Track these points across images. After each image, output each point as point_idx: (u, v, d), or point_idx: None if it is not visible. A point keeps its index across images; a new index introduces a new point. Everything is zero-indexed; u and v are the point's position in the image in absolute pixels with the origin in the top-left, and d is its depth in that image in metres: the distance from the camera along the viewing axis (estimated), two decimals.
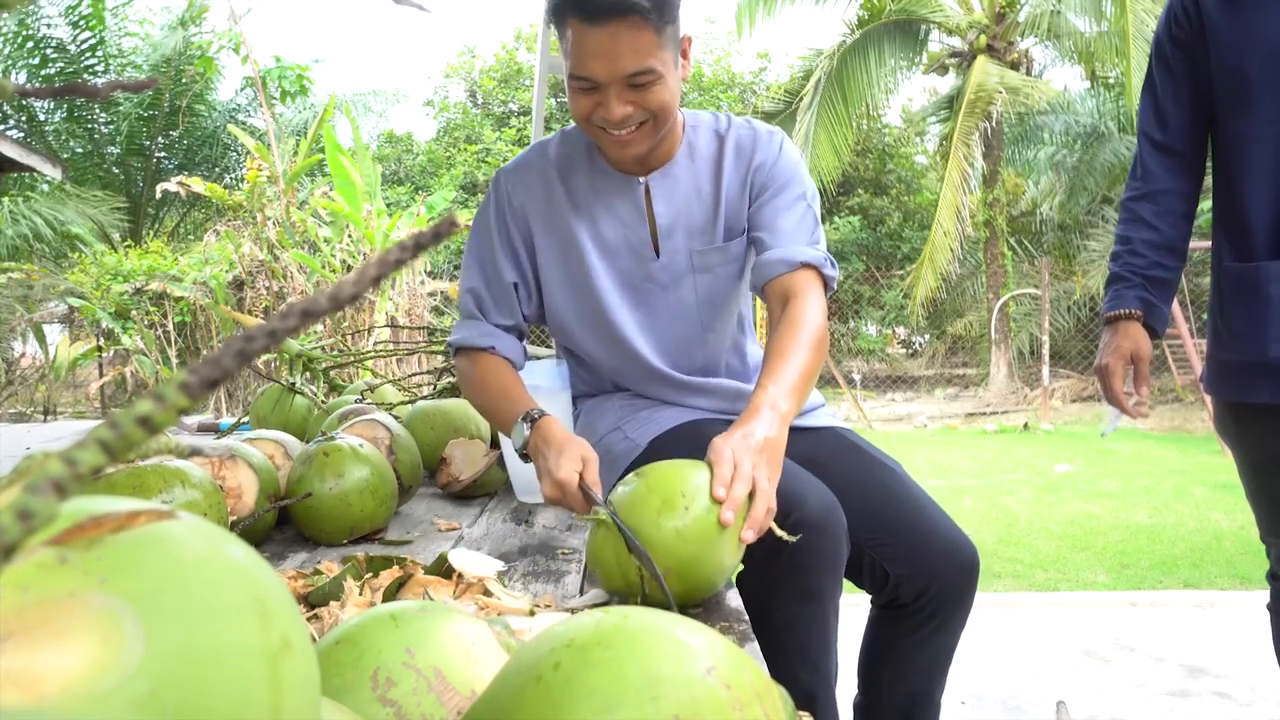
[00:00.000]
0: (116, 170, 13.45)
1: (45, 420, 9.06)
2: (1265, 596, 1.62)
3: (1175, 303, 7.89)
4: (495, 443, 1.65)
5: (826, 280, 1.34)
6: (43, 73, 12.51)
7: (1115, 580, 3.57)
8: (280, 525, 1.35)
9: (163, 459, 1.02)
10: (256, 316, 7.76)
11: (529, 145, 1.53)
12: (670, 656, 0.38)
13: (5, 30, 11.99)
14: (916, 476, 1.39)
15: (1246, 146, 1.41)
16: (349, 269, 8.08)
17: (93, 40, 12.50)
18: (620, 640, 0.39)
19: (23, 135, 12.85)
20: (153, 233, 13.17)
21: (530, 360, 1.50)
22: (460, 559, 0.86)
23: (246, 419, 1.91)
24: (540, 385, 1.41)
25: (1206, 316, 1.73)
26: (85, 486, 0.23)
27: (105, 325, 8.84)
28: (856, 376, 12.62)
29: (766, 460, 1.03)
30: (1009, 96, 10.41)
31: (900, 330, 15.13)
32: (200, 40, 12.79)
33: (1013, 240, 12.55)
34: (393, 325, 3.58)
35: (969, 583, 1.30)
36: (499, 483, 1.61)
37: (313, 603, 0.84)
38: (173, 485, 1.00)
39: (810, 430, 1.44)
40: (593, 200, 1.41)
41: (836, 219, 14.61)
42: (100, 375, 9.32)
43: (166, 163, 13.60)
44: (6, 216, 10.77)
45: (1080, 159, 12.58)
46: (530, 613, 0.80)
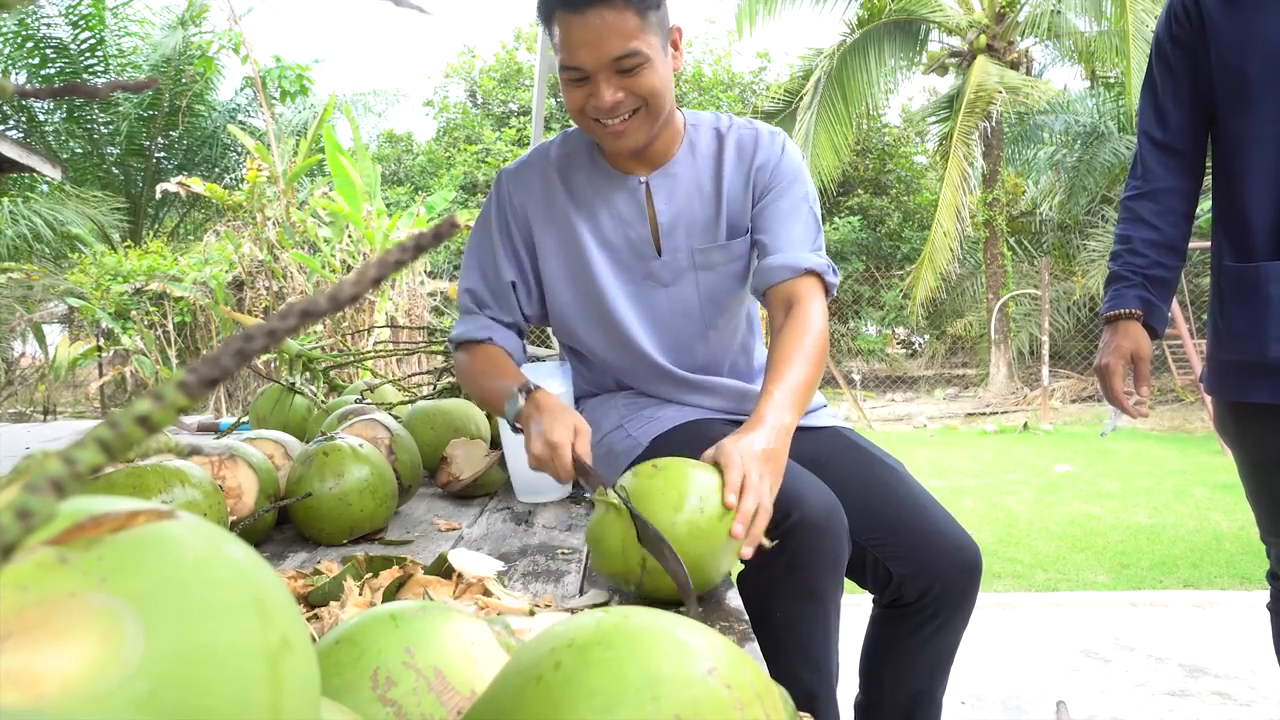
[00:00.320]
0: (116, 170, 13.45)
1: (45, 420, 9.06)
2: (1265, 596, 1.62)
3: (1175, 303, 7.90)
4: (496, 443, 1.65)
5: (828, 287, 1.35)
6: (43, 73, 12.51)
7: (1115, 580, 3.57)
8: (280, 525, 1.35)
9: (162, 459, 1.02)
10: (256, 316, 7.76)
11: (531, 146, 1.54)
12: (671, 656, 0.38)
13: (5, 30, 11.99)
14: (916, 477, 1.40)
15: (1247, 146, 1.41)
16: (349, 269, 8.08)
17: (93, 40, 12.50)
18: (621, 640, 0.39)
19: (23, 135, 12.85)
20: (153, 233, 13.17)
21: (532, 361, 1.50)
22: (460, 559, 0.86)
23: (246, 419, 1.91)
24: (542, 384, 1.41)
25: (1206, 316, 1.73)
26: (85, 486, 0.22)
27: (105, 325, 8.84)
28: (856, 377, 12.62)
29: (770, 471, 1.04)
30: (1009, 96, 10.40)
31: (900, 330, 15.12)
32: (200, 40, 12.79)
33: (1012, 240, 12.55)
34: (393, 325, 3.58)
35: (971, 582, 1.30)
36: (499, 483, 1.61)
37: (313, 603, 0.84)
38: (172, 485, 1.00)
39: (812, 430, 1.44)
40: (594, 199, 1.41)
41: (836, 219, 14.60)
42: (100, 375, 9.32)
43: (166, 163, 13.61)
44: (6, 216, 10.76)
45: (1080, 159, 12.58)
46: (530, 613, 0.79)
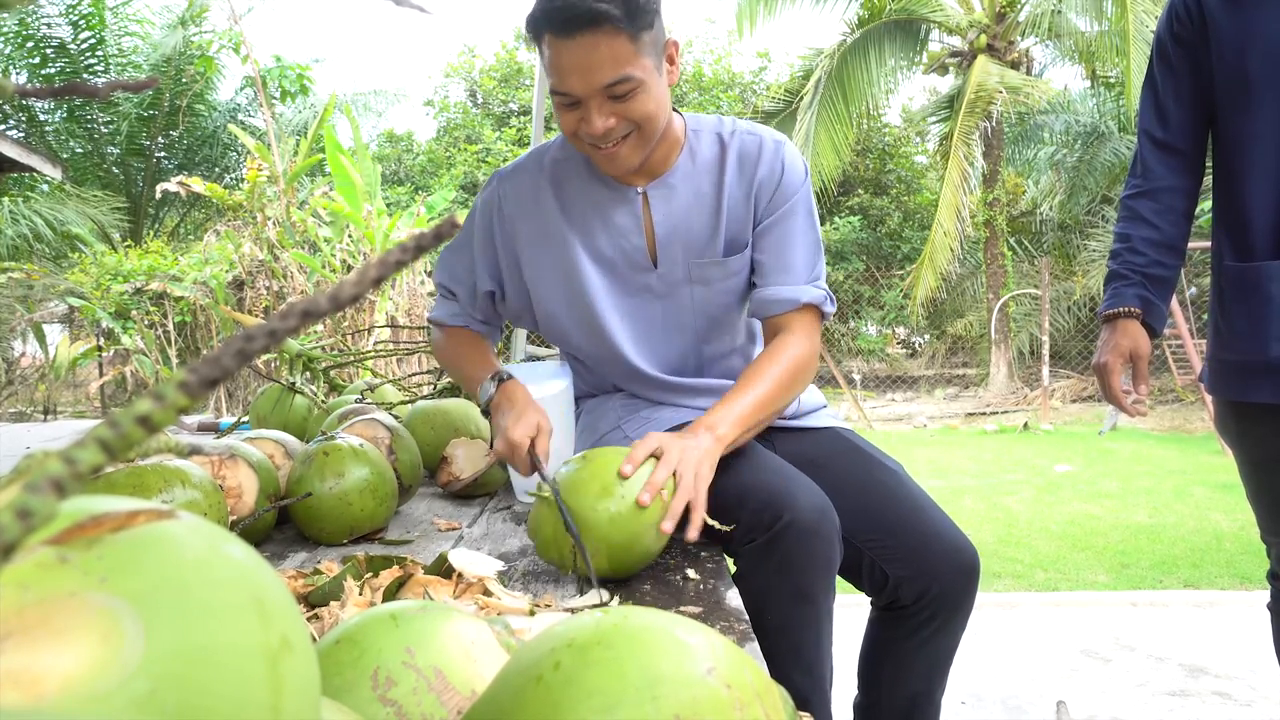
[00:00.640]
0: (116, 170, 13.45)
1: (45, 420, 9.06)
2: (1265, 596, 1.62)
3: (1175, 302, 7.89)
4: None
5: (824, 314, 1.38)
6: (43, 73, 12.52)
7: (1115, 580, 3.57)
8: (280, 525, 1.35)
9: (162, 458, 1.02)
10: (256, 316, 7.75)
11: (530, 148, 1.53)
12: (670, 656, 0.38)
13: (5, 30, 11.98)
14: (916, 476, 1.40)
15: (1247, 145, 1.41)
16: (349, 269, 8.08)
17: (93, 40, 12.51)
18: (620, 640, 0.39)
19: (23, 135, 12.85)
20: (153, 233, 13.17)
21: (533, 360, 1.51)
22: (460, 559, 0.86)
23: (246, 418, 1.91)
24: (543, 384, 1.42)
25: (1207, 316, 1.73)
26: (85, 486, 0.22)
27: (105, 325, 8.84)
28: (856, 376, 12.62)
29: (696, 460, 1.08)
30: (1009, 96, 10.40)
31: (900, 330, 15.12)
32: (200, 40, 12.80)
33: (1013, 240, 12.54)
34: (393, 325, 3.58)
35: (969, 584, 1.29)
36: (499, 482, 1.61)
37: (313, 603, 0.84)
38: (173, 485, 1.00)
39: (810, 430, 1.44)
40: (588, 211, 1.38)
41: (837, 219, 14.59)
42: (100, 375, 9.32)
43: (166, 163, 13.61)
44: (6, 216, 10.76)
45: (1080, 158, 12.58)
46: (530, 613, 0.79)
